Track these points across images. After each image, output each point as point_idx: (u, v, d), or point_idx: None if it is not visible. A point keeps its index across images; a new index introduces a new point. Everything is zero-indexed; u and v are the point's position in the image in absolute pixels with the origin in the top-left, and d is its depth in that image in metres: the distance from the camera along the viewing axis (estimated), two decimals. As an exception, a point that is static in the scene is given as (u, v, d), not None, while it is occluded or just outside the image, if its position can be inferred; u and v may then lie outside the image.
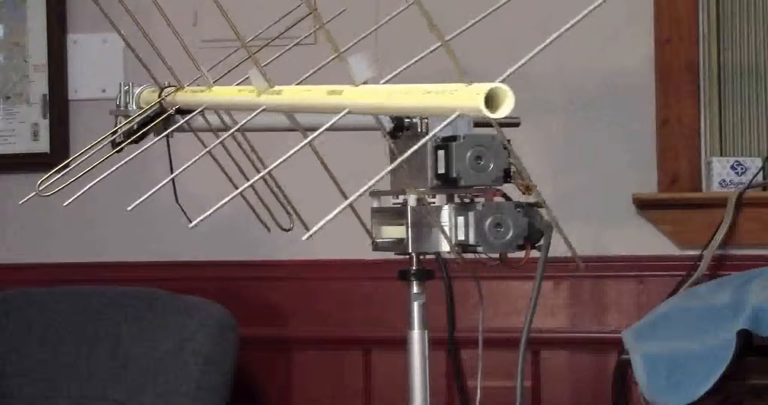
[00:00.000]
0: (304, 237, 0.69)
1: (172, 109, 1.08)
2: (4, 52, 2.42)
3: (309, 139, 0.80)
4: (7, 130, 2.41)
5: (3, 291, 2.22)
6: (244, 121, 0.95)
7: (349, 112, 0.81)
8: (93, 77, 2.39)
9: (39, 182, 1.05)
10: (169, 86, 1.15)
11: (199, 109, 1.05)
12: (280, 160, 0.77)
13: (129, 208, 0.83)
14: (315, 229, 0.67)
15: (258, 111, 0.94)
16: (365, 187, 0.71)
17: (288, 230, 1.11)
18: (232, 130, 0.90)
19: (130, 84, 1.18)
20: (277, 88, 0.94)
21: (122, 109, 1.23)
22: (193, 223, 0.75)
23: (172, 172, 1.11)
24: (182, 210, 1.15)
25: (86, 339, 2.09)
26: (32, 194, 1.04)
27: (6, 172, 2.38)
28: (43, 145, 2.38)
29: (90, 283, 2.24)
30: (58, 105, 2.38)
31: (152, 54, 1.20)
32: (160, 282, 2.19)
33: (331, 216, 0.68)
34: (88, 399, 2.03)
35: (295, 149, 0.77)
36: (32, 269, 2.38)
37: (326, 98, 0.85)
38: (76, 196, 0.98)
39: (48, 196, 1.01)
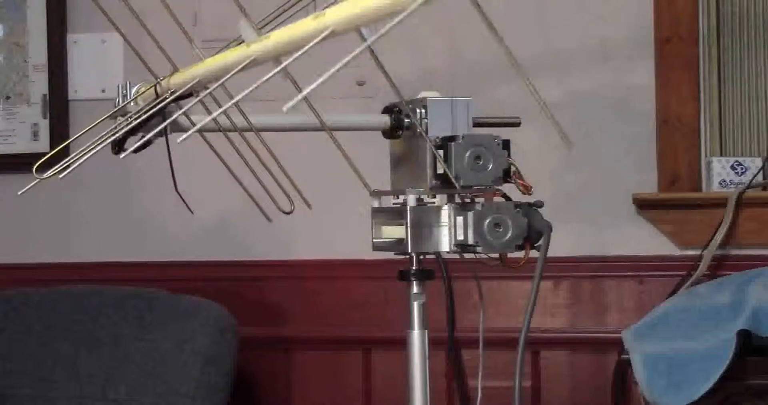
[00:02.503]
0: (288, 105, 0.68)
1: (168, 92, 1.08)
2: (4, 52, 2.42)
3: (286, 62, 0.79)
4: (7, 130, 2.41)
5: (3, 291, 2.22)
6: (231, 82, 0.94)
7: (332, 32, 0.81)
8: (93, 77, 2.39)
9: (36, 165, 1.05)
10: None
11: (192, 82, 1.04)
12: (253, 86, 0.76)
13: (122, 156, 0.82)
14: (298, 97, 0.67)
15: (247, 61, 0.94)
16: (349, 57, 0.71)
17: (289, 213, 1.11)
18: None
19: (128, 83, 1.18)
20: (266, 34, 0.94)
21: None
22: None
23: (171, 164, 1.11)
24: (182, 199, 1.14)
25: (86, 339, 2.09)
26: (32, 185, 1.04)
27: (6, 172, 2.38)
28: (43, 145, 2.38)
29: (90, 283, 2.24)
30: (58, 105, 2.38)
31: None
32: (160, 282, 2.19)
33: (313, 85, 0.68)
34: (88, 399, 2.03)
35: (270, 74, 0.77)
36: (32, 269, 2.38)
37: (311, 24, 0.85)
38: (71, 169, 0.97)
39: (45, 178, 1.00)
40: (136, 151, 1.12)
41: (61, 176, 0.99)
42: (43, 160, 1.01)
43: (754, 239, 2.09)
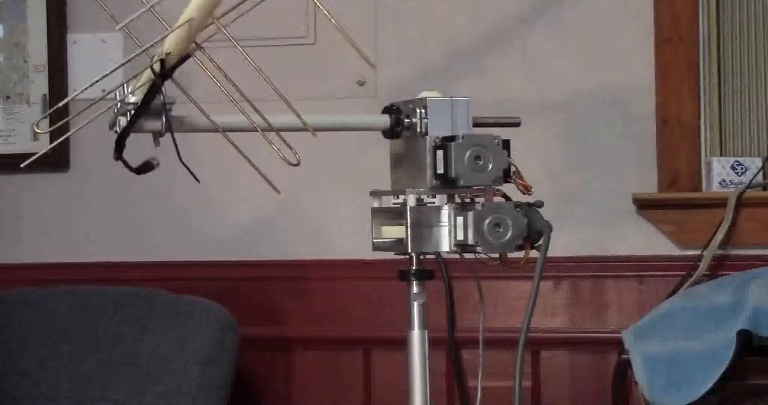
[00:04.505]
0: None
1: (164, 55, 1.06)
2: (4, 52, 2.42)
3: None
4: (7, 130, 2.41)
5: (3, 291, 2.22)
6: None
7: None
8: (93, 77, 2.38)
9: (36, 122, 1.04)
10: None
11: (185, 21, 1.02)
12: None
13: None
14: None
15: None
16: None
17: (296, 165, 1.10)
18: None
19: (124, 87, 1.18)
20: None
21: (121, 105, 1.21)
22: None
23: (173, 137, 1.10)
24: (187, 168, 1.13)
25: (86, 339, 2.09)
26: (36, 157, 1.04)
27: (6, 172, 2.38)
28: (43, 145, 2.37)
29: (90, 283, 2.24)
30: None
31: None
32: (160, 282, 2.19)
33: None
34: (88, 399, 2.03)
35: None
36: (32, 269, 2.38)
37: None
38: (70, 133, 0.98)
39: (42, 133, 1.00)
40: (137, 172, 1.12)
41: (46, 129, 0.97)
42: (43, 116, 1.01)
43: (754, 239, 2.09)
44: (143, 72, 1.09)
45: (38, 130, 1.04)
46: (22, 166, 1.11)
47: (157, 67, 1.06)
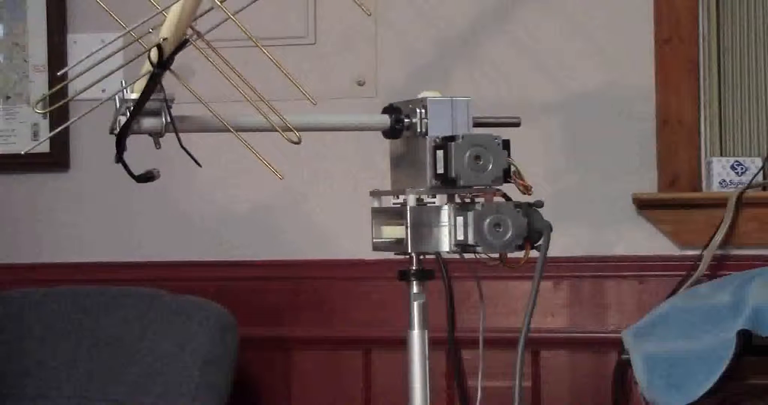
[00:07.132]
0: None
1: (161, 40, 1.06)
2: (4, 52, 2.42)
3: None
4: (7, 130, 2.40)
5: (3, 291, 2.22)
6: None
7: None
8: (93, 78, 2.38)
9: (37, 101, 1.04)
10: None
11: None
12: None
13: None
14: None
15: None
16: None
17: (297, 143, 1.10)
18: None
19: (122, 82, 1.18)
20: None
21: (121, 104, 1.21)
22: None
23: (174, 126, 1.09)
24: (188, 153, 1.13)
25: (86, 339, 2.09)
26: (38, 143, 1.04)
27: (6, 172, 2.38)
28: (43, 145, 2.38)
29: (90, 283, 2.24)
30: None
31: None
32: (160, 282, 2.19)
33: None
34: (88, 399, 2.03)
35: None
36: (32, 269, 2.38)
37: None
38: (71, 122, 0.98)
39: (42, 112, 1.00)
40: (138, 180, 1.12)
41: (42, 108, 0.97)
42: (43, 97, 1.00)
43: (754, 239, 2.09)
44: (141, 59, 1.08)
45: (38, 111, 1.03)
46: (23, 152, 1.11)
47: (154, 55, 1.05)
